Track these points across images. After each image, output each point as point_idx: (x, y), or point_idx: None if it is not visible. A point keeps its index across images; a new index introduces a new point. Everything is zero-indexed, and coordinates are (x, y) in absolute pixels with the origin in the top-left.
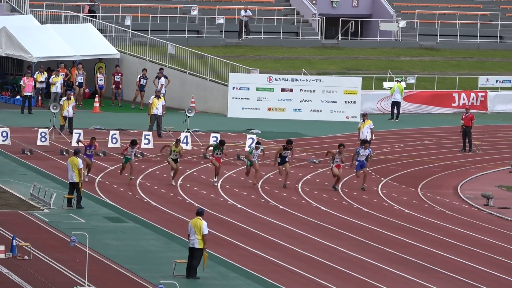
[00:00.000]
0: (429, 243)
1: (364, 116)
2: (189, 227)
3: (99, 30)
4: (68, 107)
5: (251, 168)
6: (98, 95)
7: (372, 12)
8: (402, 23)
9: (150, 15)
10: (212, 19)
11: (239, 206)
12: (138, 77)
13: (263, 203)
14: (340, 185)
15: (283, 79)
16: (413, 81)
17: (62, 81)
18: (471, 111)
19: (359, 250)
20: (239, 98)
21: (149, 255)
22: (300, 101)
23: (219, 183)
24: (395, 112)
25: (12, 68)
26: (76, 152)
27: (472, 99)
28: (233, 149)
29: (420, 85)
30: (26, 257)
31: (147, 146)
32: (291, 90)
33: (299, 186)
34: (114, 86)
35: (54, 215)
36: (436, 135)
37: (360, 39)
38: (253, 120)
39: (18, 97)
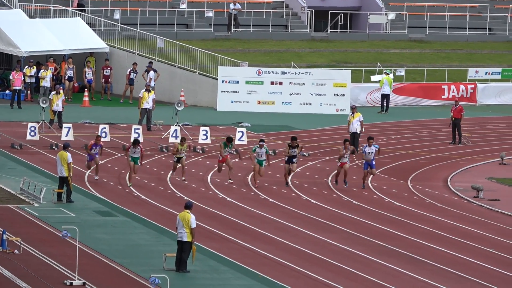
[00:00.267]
0: (419, 236)
1: (354, 109)
2: (177, 221)
3: (88, 24)
4: (58, 101)
5: (259, 168)
6: (87, 89)
7: (361, 5)
8: (391, 16)
9: (139, 9)
10: (201, 13)
11: (229, 200)
12: (128, 71)
13: (253, 197)
14: (330, 178)
15: (273, 72)
16: (403, 74)
17: (52, 76)
18: (461, 103)
19: (350, 243)
20: (229, 92)
21: (139, 249)
22: (290, 94)
23: (209, 177)
24: (385, 105)
25: (1, 63)
26: (66, 146)
27: (462, 91)
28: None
29: (410, 78)
30: (16, 252)
31: None
32: (281, 83)
33: (289, 180)
34: (104, 80)
35: (44, 210)
36: (426, 128)
37: (349, 32)
38: (243, 114)
39: (8, 92)
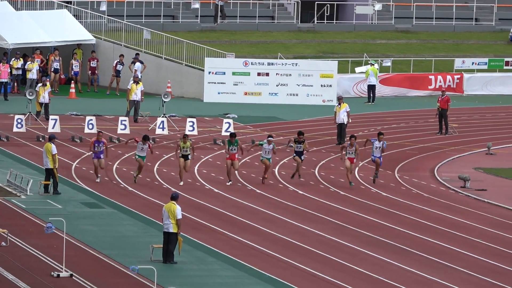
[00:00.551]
0: (407, 226)
1: (340, 100)
2: (163, 212)
3: (75, 16)
4: (44, 93)
5: (267, 163)
6: (74, 81)
7: None
8: (378, 6)
9: (125, 1)
10: (188, 4)
11: (216, 191)
12: (115, 63)
13: (240, 188)
14: (317, 169)
15: (259, 63)
16: (389, 64)
17: (38, 68)
18: (447, 94)
19: (337, 234)
20: (215, 83)
21: (126, 241)
22: (276, 85)
23: (196, 168)
24: (371, 95)
25: None
26: (51, 138)
27: (448, 82)
28: (210, 134)
29: (396, 68)
30: (3, 244)
31: (123, 132)
32: (267, 74)
33: (276, 170)
34: (90, 72)
35: (31, 201)
36: (413, 118)
37: (336, 23)
38: (230, 105)
39: None
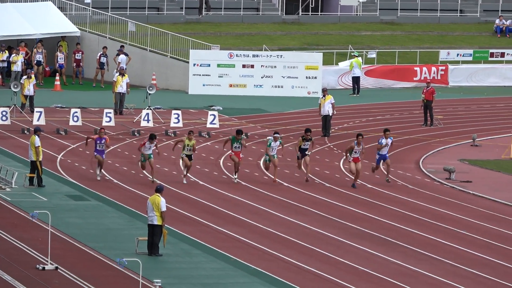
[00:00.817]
0: (392, 218)
1: (325, 92)
2: (148, 204)
3: (59, 8)
4: (29, 86)
5: (270, 164)
6: (59, 74)
7: None
8: None
9: None
10: None
11: (201, 183)
12: (98, 55)
13: (226, 180)
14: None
15: (244, 55)
16: (374, 56)
17: (23, 60)
18: (432, 85)
19: (322, 226)
20: (200, 75)
21: (112, 233)
22: (261, 77)
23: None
24: (356, 87)
25: None
26: (36, 130)
27: (433, 73)
28: (195, 126)
29: (381, 60)
30: None
31: (109, 124)
32: (252, 66)
33: (261, 162)
34: (75, 64)
35: (16, 194)
36: (397, 110)
37: (321, 14)
38: (215, 97)
39: None
